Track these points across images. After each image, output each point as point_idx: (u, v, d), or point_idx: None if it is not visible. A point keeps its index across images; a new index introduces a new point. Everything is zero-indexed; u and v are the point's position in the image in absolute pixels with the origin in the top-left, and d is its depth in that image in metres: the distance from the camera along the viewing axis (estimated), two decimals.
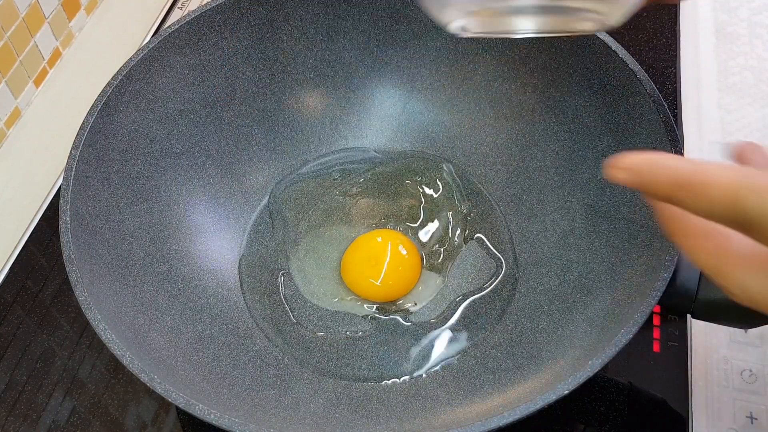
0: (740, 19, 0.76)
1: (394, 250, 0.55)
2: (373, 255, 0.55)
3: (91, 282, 0.44)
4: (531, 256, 0.55)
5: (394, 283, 0.54)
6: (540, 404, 0.38)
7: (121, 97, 0.51)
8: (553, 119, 0.56)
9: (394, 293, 0.55)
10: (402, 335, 0.53)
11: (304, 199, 0.60)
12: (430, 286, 0.55)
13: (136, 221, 0.52)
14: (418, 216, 0.58)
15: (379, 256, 0.55)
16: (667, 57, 0.73)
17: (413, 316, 0.54)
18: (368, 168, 0.62)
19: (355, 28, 0.60)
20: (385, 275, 0.54)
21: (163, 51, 0.53)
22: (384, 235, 0.57)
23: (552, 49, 0.54)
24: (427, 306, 0.54)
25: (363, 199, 0.60)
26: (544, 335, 0.49)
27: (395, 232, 0.58)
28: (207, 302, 0.53)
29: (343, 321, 0.54)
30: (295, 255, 0.57)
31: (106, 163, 0.50)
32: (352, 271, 0.55)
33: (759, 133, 0.66)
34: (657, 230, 0.45)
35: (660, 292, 0.41)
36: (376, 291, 0.54)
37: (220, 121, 0.58)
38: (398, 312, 0.54)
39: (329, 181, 0.61)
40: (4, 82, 0.65)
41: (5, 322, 0.57)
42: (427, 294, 0.55)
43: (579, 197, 0.54)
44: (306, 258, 0.57)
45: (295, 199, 0.60)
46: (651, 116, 0.47)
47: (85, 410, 0.53)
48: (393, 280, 0.54)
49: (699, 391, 0.51)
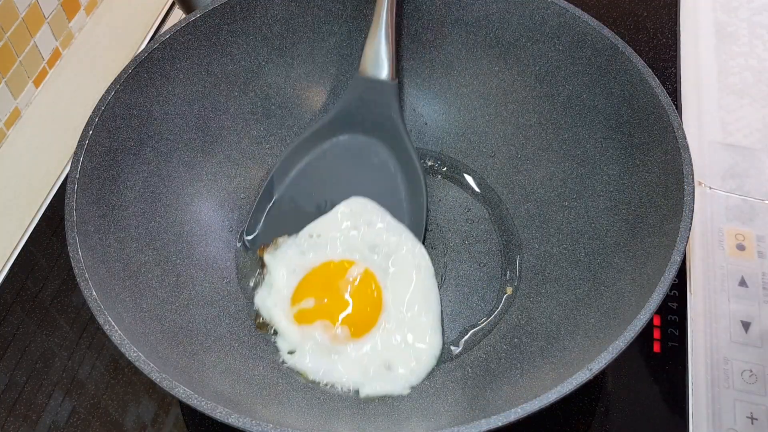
0: (740, 19, 0.76)
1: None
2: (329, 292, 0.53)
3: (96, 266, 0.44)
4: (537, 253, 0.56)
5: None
6: (539, 405, 0.38)
7: (122, 97, 0.51)
8: (578, 121, 0.56)
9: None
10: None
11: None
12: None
13: (143, 224, 0.52)
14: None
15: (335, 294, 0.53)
16: (667, 57, 0.73)
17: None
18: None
19: (369, 29, 0.60)
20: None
21: (170, 50, 0.54)
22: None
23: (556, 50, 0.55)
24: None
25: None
26: (544, 338, 0.49)
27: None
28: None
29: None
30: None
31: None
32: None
33: (759, 133, 0.67)
34: (662, 232, 0.45)
35: (666, 286, 0.41)
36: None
37: (226, 119, 0.59)
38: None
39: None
40: (3, 82, 0.65)
41: (5, 323, 0.57)
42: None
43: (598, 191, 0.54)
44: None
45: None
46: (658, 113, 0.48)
47: (85, 411, 0.53)
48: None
49: (699, 391, 0.51)
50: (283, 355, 0.51)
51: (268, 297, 0.54)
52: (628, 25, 0.77)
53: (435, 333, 0.52)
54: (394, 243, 0.55)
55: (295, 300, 0.53)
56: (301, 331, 0.51)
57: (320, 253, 0.55)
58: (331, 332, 0.51)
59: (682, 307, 0.55)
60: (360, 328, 0.52)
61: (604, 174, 0.53)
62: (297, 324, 0.52)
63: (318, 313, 0.52)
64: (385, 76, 0.58)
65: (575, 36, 0.54)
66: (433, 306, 0.53)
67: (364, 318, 0.52)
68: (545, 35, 0.55)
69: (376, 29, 0.57)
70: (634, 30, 0.76)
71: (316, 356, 0.51)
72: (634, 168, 0.50)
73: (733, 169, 0.64)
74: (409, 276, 0.54)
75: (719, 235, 0.59)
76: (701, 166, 0.64)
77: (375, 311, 0.52)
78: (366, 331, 0.52)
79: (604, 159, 0.53)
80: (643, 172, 0.49)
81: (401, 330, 0.52)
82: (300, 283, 0.54)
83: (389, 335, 0.51)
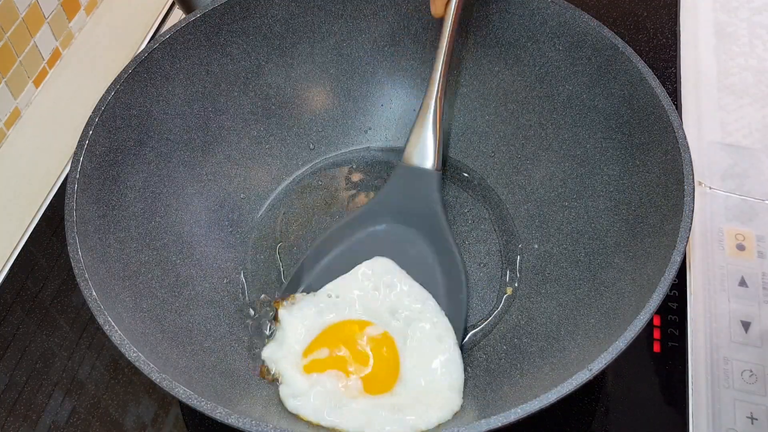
0: (740, 19, 0.76)
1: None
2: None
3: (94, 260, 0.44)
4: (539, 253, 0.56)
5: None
6: (539, 405, 0.38)
7: (122, 97, 0.51)
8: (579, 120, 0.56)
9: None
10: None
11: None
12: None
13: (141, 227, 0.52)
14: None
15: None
16: (667, 57, 0.73)
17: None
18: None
19: (369, 29, 0.60)
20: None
21: (170, 50, 0.54)
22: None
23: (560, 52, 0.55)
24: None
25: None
26: (544, 341, 0.50)
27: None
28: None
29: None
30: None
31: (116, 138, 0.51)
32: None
33: (759, 133, 0.67)
34: (662, 233, 0.45)
35: (666, 286, 0.41)
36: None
37: (226, 119, 0.59)
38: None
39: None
40: (3, 82, 0.65)
41: (5, 323, 0.57)
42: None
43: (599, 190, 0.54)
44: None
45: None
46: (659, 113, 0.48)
47: (85, 411, 0.53)
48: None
49: (699, 391, 0.51)
50: (284, 400, 0.48)
51: (278, 351, 0.51)
52: (628, 25, 0.77)
53: (454, 402, 0.48)
54: (417, 310, 0.52)
55: (308, 352, 0.50)
56: (309, 380, 0.48)
57: (340, 314, 0.52)
58: (344, 383, 0.48)
59: (682, 307, 0.55)
60: (374, 386, 0.48)
61: (604, 174, 0.53)
62: (306, 374, 0.49)
63: (331, 363, 0.49)
64: (430, 166, 0.56)
65: (575, 36, 0.54)
66: (455, 376, 0.49)
67: (379, 376, 0.49)
68: (545, 35, 0.55)
69: (424, 118, 0.56)
70: (634, 30, 0.76)
71: (321, 401, 0.47)
72: (634, 168, 0.50)
73: (732, 169, 0.64)
74: (431, 345, 0.50)
75: (719, 235, 0.59)
76: (701, 166, 0.64)
77: (392, 372, 0.49)
78: (380, 392, 0.48)
79: (604, 159, 0.53)
80: (643, 172, 0.49)
81: (417, 397, 0.48)
82: (315, 338, 0.51)
83: (403, 399, 0.48)
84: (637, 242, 0.47)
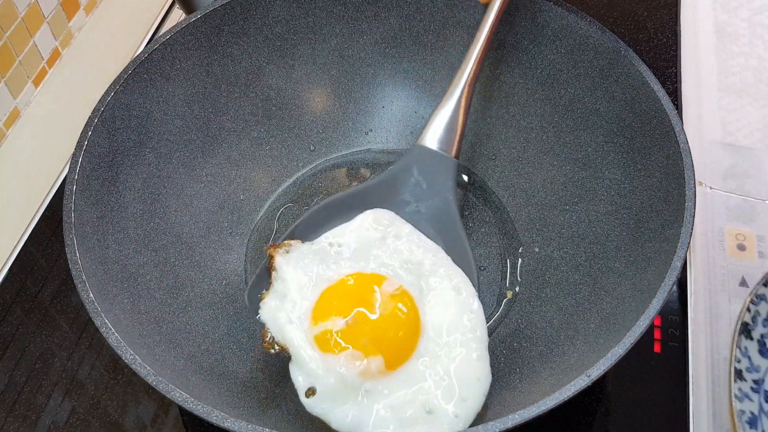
0: (740, 19, 0.76)
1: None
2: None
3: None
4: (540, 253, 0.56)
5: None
6: (537, 411, 0.38)
7: (121, 98, 0.51)
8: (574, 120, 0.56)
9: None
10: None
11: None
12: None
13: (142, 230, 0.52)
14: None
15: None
16: (667, 57, 0.73)
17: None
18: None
19: (371, 31, 0.60)
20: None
21: (170, 51, 0.54)
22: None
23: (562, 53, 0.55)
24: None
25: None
26: (544, 344, 0.50)
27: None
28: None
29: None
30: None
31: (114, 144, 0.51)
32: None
33: (759, 133, 0.66)
34: (663, 238, 0.45)
35: (667, 292, 0.41)
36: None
37: (226, 121, 0.59)
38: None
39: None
40: (3, 82, 0.65)
41: (5, 323, 0.57)
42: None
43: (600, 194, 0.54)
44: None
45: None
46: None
47: (85, 411, 0.53)
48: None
49: (699, 391, 0.51)
50: (302, 398, 0.44)
51: (279, 310, 0.46)
52: (628, 26, 0.76)
53: (483, 364, 0.45)
54: (429, 262, 0.48)
55: (317, 317, 0.45)
56: (323, 361, 0.43)
57: (344, 265, 0.48)
58: (361, 364, 0.43)
59: (683, 307, 0.55)
60: (395, 358, 0.44)
61: (606, 178, 0.53)
62: (319, 350, 0.44)
63: (345, 337, 0.44)
64: (451, 152, 0.52)
65: (577, 39, 0.54)
66: (479, 332, 0.46)
67: (400, 345, 0.45)
68: (547, 38, 0.55)
69: (452, 100, 0.52)
70: (634, 30, 0.75)
71: (341, 397, 0.43)
72: (635, 172, 0.50)
73: (733, 169, 0.64)
74: (449, 298, 0.47)
75: (720, 235, 0.59)
76: (701, 166, 0.64)
77: (413, 337, 0.45)
78: (402, 361, 0.45)
79: (605, 163, 0.53)
80: (644, 176, 0.49)
81: (442, 361, 0.45)
82: (322, 297, 0.46)
83: (428, 368, 0.44)
84: (638, 247, 0.47)
